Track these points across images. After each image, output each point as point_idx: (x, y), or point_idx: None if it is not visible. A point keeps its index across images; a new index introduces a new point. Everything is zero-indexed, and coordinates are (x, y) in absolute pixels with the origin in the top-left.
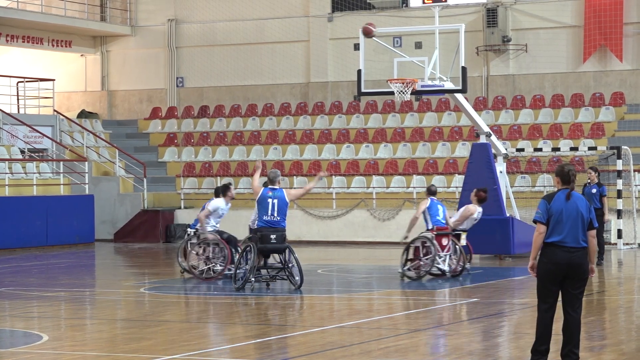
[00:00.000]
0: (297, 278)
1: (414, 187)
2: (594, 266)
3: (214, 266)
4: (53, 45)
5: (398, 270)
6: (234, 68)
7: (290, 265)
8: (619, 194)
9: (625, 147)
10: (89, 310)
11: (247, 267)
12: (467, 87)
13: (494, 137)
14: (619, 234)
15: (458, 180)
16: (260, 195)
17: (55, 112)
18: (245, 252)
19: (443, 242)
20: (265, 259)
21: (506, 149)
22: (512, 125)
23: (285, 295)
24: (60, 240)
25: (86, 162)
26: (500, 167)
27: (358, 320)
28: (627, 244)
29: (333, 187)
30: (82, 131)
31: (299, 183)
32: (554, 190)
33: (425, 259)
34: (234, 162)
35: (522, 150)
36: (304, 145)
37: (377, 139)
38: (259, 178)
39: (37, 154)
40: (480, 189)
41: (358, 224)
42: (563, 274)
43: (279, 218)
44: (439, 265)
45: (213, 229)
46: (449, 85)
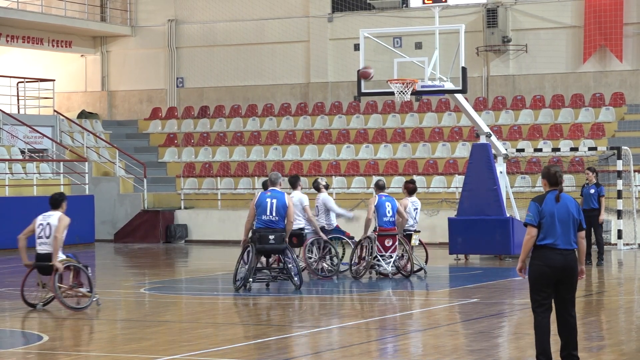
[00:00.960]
0: (296, 279)
1: None
2: (584, 267)
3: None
4: (53, 46)
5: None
6: (234, 68)
7: (289, 266)
8: (619, 195)
9: (626, 148)
10: (89, 310)
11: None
12: (467, 88)
13: (494, 138)
14: (619, 234)
15: (458, 180)
16: (258, 197)
17: (55, 113)
18: (247, 253)
19: (386, 242)
20: (266, 259)
21: (506, 149)
22: (512, 125)
23: (285, 295)
24: None
25: (86, 163)
26: (501, 167)
27: (358, 320)
28: (627, 244)
29: (333, 188)
30: (82, 131)
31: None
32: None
33: (365, 259)
34: (234, 162)
35: (522, 150)
36: (304, 145)
37: (377, 139)
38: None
39: (37, 155)
40: (408, 180)
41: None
42: (557, 277)
43: (277, 218)
44: (381, 265)
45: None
46: (449, 85)
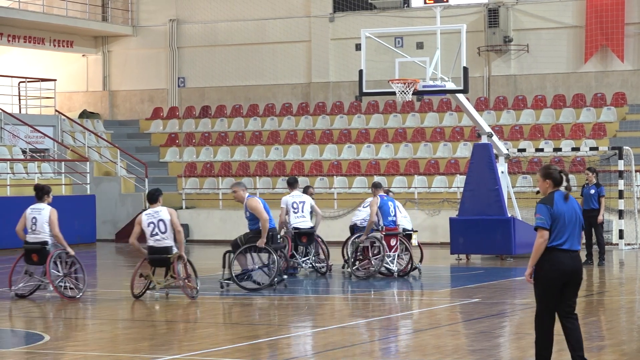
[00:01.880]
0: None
1: (415, 188)
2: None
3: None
4: (54, 46)
5: (347, 270)
6: (235, 68)
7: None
8: (621, 195)
9: (627, 148)
10: (91, 310)
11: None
12: (468, 88)
13: (495, 138)
14: (620, 234)
15: (459, 180)
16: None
17: (56, 112)
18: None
19: (391, 242)
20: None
21: (507, 149)
22: (514, 125)
23: (286, 295)
24: None
25: (87, 162)
26: (502, 167)
27: (359, 320)
28: (629, 244)
29: (334, 187)
30: (83, 131)
31: (301, 183)
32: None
33: (374, 259)
34: (235, 162)
35: (524, 150)
36: (306, 145)
37: (379, 139)
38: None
39: (38, 154)
40: (375, 182)
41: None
42: (566, 279)
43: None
44: (388, 265)
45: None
46: (450, 85)
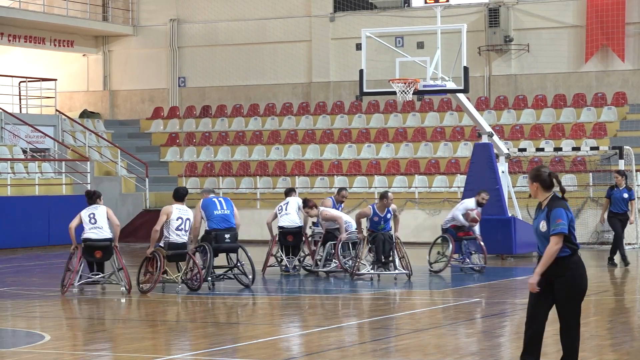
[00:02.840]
0: (250, 277)
1: (416, 187)
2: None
3: None
4: (55, 45)
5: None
6: (235, 68)
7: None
8: None
9: (627, 147)
10: (91, 309)
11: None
12: (469, 87)
13: (496, 137)
14: None
15: (460, 180)
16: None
17: (57, 112)
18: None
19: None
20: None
21: (508, 148)
22: (514, 125)
23: (286, 295)
24: (62, 240)
25: (88, 162)
26: (502, 167)
27: (359, 320)
28: (629, 244)
29: (335, 187)
30: (84, 131)
31: (301, 183)
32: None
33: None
34: (235, 162)
35: (524, 150)
36: (306, 145)
37: (379, 138)
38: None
39: (39, 154)
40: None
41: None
42: None
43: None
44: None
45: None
46: (451, 85)
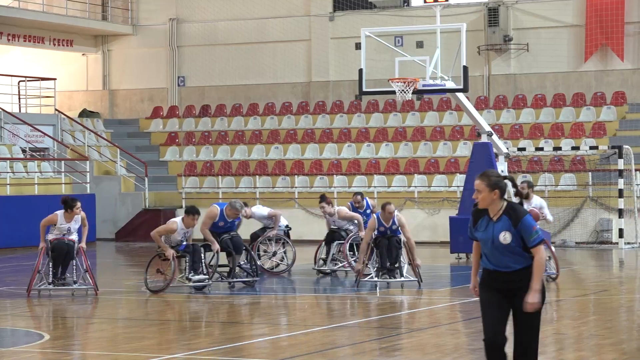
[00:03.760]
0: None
1: (415, 187)
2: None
3: None
4: (54, 45)
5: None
6: (235, 67)
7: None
8: (620, 194)
9: (627, 147)
10: (90, 309)
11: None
12: (468, 87)
13: (495, 137)
14: (620, 233)
15: (459, 179)
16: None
17: (56, 112)
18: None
19: None
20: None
21: (507, 148)
22: (514, 124)
23: (286, 294)
24: None
25: (87, 162)
26: (502, 166)
27: (359, 319)
28: (629, 243)
29: (334, 187)
30: (83, 130)
31: (300, 182)
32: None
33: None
34: (235, 161)
35: (524, 149)
36: (306, 144)
37: (379, 138)
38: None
39: (38, 153)
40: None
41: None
42: None
43: None
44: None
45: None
46: (450, 84)
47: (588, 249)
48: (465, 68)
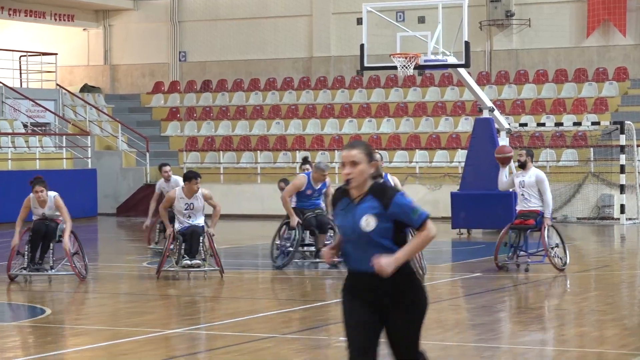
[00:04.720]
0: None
1: (416, 162)
2: None
3: None
4: (55, 20)
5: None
6: (236, 42)
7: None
8: (622, 169)
9: (629, 122)
10: (92, 284)
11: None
12: (470, 62)
13: (497, 112)
14: (622, 209)
15: (461, 155)
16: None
17: (57, 86)
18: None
19: None
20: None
21: (509, 123)
22: (515, 100)
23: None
24: None
25: (89, 137)
26: (504, 142)
27: None
28: (630, 219)
29: (335, 162)
30: (84, 105)
31: (301, 157)
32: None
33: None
34: (236, 136)
35: (525, 125)
36: (307, 119)
37: (380, 113)
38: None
39: (40, 128)
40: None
41: None
42: None
43: None
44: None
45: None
46: (452, 59)
47: (589, 225)
48: (467, 43)
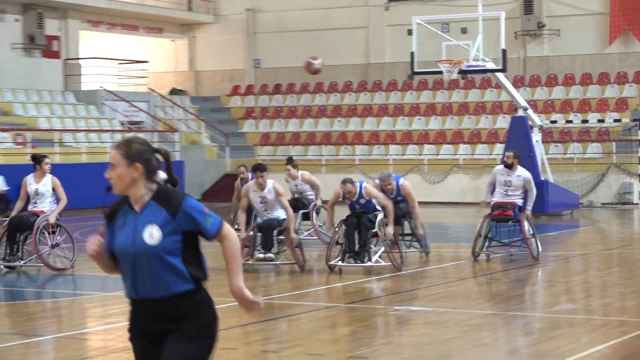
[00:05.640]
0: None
1: (460, 155)
2: None
3: None
4: (147, 32)
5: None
6: (303, 51)
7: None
8: None
9: None
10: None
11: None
12: (506, 67)
13: (530, 111)
14: None
15: (499, 148)
16: None
17: (149, 90)
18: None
19: None
20: None
21: (541, 121)
22: (547, 100)
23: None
24: None
25: (177, 133)
26: (536, 137)
27: (412, 270)
28: (636, 204)
29: (390, 155)
30: (172, 106)
31: (360, 151)
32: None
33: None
34: (303, 132)
35: (555, 122)
36: (365, 118)
37: (428, 112)
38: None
39: (134, 126)
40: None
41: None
42: None
43: None
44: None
45: None
46: (490, 65)
47: (612, 209)
48: (503, 51)
